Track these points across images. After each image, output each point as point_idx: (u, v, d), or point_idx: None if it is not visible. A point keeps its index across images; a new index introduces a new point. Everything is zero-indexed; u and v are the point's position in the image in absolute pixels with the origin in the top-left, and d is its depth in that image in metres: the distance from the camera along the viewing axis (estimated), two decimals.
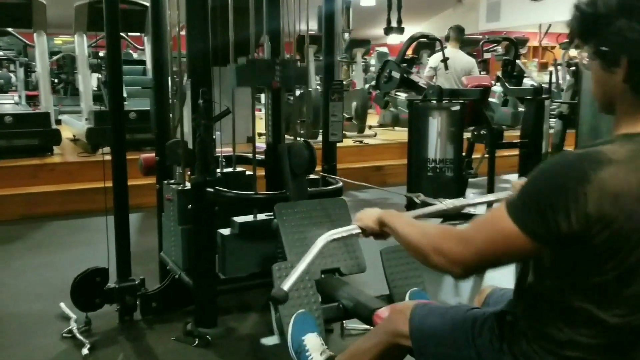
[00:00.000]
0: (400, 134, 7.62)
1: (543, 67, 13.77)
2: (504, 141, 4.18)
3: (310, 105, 3.98)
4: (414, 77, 4.22)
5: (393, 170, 6.35)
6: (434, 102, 4.01)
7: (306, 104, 3.51)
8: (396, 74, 4.20)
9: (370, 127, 7.66)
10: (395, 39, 16.44)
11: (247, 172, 3.21)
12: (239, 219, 2.66)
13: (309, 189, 2.58)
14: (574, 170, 1.04)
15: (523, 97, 4.20)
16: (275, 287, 1.37)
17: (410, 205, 3.61)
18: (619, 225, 1.03)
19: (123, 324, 2.68)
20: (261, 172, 3.01)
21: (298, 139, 2.66)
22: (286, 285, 1.36)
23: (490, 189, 4.06)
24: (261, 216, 2.71)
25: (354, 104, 7.03)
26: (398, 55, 4.28)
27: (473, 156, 4.49)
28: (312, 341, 1.90)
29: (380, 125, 8.03)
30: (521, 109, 7.07)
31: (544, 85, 4.98)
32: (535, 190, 1.07)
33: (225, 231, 2.67)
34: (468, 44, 7.91)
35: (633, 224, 1.03)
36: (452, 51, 5.45)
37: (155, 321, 2.72)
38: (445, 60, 4.45)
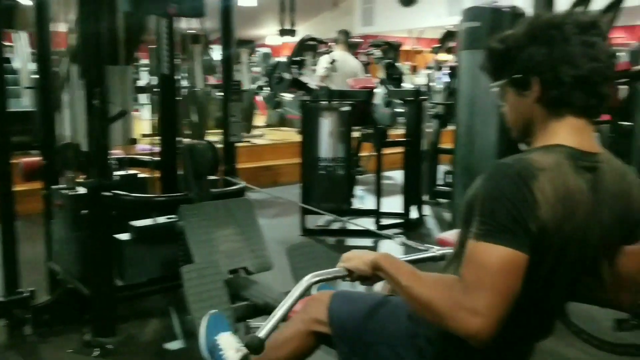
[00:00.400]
0: (287, 134, 7.73)
1: (414, 69, 14.58)
2: (389, 140, 4.42)
3: (197, 105, 3.94)
4: (304, 79, 4.32)
5: (282, 169, 6.44)
6: (325, 103, 4.14)
7: (194, 103, 3.45)
8: (287, 76, 4.28)
9: (256, 127, 7.70)
10: (276, 40, 16.55)
11: (139, 175, 3.13)
12: (137, 223, 2.60)
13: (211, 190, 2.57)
14: (515, 181, 1.08)
15: (404, 99, 4.45)
16: (250, 335, 1.26)
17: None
18: (544, 228, 1.09)
19: (13, 340, 2.50)
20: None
21: (200, 140, 2.63)
22: (262, 333, 1.25)
23: (378, 185, 4.26)
24: (160, 219, 2.66)
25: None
26: (289, 57, 4.36)
27: (361, 154, 4.69)
28: (226, 340, 1.90)
29: (267, 126, 8.08)
30: (398, 109, 7.52)
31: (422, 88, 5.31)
32: (493, 214, 1.08)
33: (122, 236, 2.59)
34: (353, 47, 8.22)
35: (551, 230, 1.10)
36: (342, 54, 5.64)
37: (49, 334, 2.57)
38: (332, 62, 4.60)
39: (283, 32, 3.50)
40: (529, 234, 1.06)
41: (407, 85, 5.54)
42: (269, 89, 5.68)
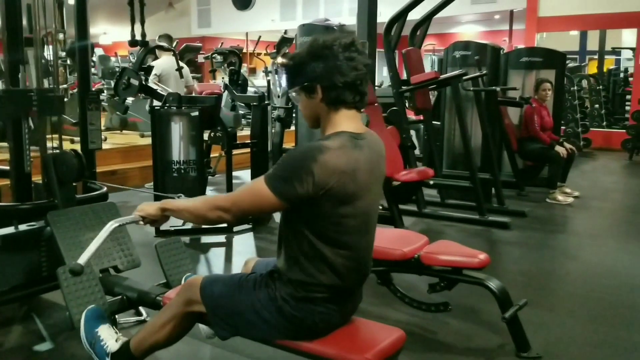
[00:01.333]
0: (130, 138, 7.67)
1: (252, 72, 14.99)
2: (238, 142, 4.74)
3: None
4: (151, 85, 4.47)
5: (128, 173, 6.43)
6: (175, 108, 4.34)
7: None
8: (135, 81, 4.40)
9: None
10: (107, 39, 15.84)
11: None
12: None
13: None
14: (307, 155, 1.62)
15: (249, 103, 4.81)
16: (72, 263, 1.76)
17: None
18: (335, 191, 1.63)
19: None
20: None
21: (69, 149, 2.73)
22: (82, 260, 1.75)
23: (229, 184, 4.57)
24: (21, 227, 2.72)
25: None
26: (135, 63, 4.47)
27: (211, 156, 4.95)
28: (105, 331, 2.12)
29: (107, 129, 7.94)
30: (241, 111, 7.87)
31: (264, 92, 5.70)
32: (282, 169, 1.64)
33: None
34: (190, 51, 8.36)
35: (344, 190, 1.64)
36: (169, 59, 5.78)
37: None
38: (179, 69, 4.78)
39: (133, 43, 3.60)
40: (293, 190, 1.60)
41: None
42: (112, 93, 5.66)
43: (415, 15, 5.47)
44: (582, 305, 3.28)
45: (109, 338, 2.09)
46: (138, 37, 3.84)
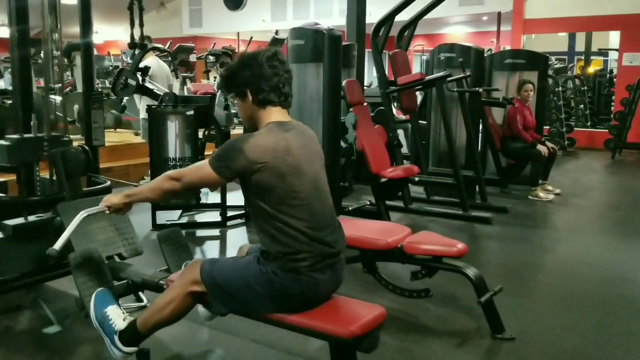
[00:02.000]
0: (125, 136, 7.84)
1: None
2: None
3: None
4: (148, 85, 4.65)
5: (123, 171, 6.59)
6: (171, 107, 4.53)
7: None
8: (132, 81, 4.58)
9: None
10: (98, 39, 15.90)
11: None
12: (10, 222, 2.82)
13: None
14: (239, 139, 1.99)
15: None
16: (49, 249, 2.09)
17: None
18: (273, 165, 1.92)
19: None
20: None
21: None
22: (57, 246, 2.08)
23: None
24: (30, 218, 2.91)
25: (76, 106, 7.02)
26: (133, 64, 4.65)
27: (205, 154, 5.12)
28: (113, 311, 2.31)
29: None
30: (233, 110, 8.04)
31: None
32: (220, 151, 2.00)
33: None
34: (183, 51, 8.53)
35: (283, 163, 1.94)
36: (155, 59, 5.94)
37: None
38: (175, 69, 4.97)
39: (132, 45, 3.77)
40: (227, 166, 1.95)
41: None
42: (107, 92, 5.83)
43: (403, 17, 5.69)
44: (555, 293, 3.51)
45: (117, 317, 2.28)
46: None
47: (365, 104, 4.81)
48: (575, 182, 7.34)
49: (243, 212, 4.96)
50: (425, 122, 6.03)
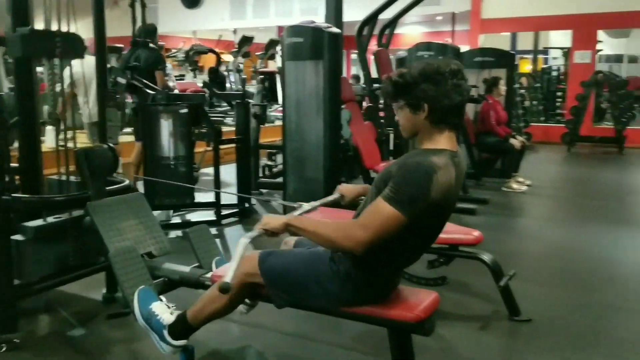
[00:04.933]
0: None
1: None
2: (225, 138, 4.92)
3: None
4: (137, 83, 4.59)
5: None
6: (164, 105, 4.48)
7: None
8: (122, 80, 4.51)
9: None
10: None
11: None
12: (32, 223, 2.75)
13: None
14: (424, 175, 1.75)
15: (231, 101, 4.98)
16: (221, 282, 1.78)
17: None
18: (438, 205, 1.80)
19: None
20: None
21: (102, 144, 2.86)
22: (229, 278, 1.78)
23: (217, 180, 4.74)
24: (49, 219, 2.84)
25: (46, 107, 6.79)
26: (122, 63, 4.57)
27: (195, 152, 5.08)
28: (159, 307, 2.30)
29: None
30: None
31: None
32: (404, 189, 1.75)
33: (16, 237, 2.72)
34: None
35: (441, 205, 1.81)
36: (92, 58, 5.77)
37: None
38: (163, 68, 4.90)
39: (134, 44, 3.70)
40: (416, 208, 1.75)
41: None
42: None
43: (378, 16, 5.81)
44: (553, 276, 3.71)
45: (164, 312, 2.28)
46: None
47: (355, 101, 4.91)
48: (541, 174, 7.67)
49: (237, 210, 4.96)
50: None
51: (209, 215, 4.85)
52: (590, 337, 2.82)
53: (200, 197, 5.01)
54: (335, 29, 4.24)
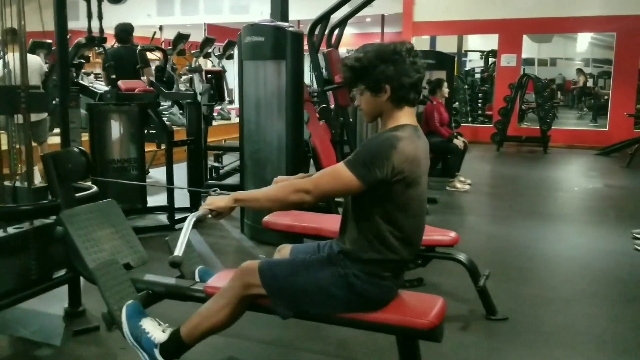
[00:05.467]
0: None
1: None
2: (178, 140, 4.72)
3: None
4: (83, 82, 4.31)
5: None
6: (114, 105, 4.24)
7: None
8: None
9: None
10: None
11: None
12: None
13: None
14: (386, 144, 1.83)
15: (182, 101, 4.79)
16: (171, 257, 1.88)
17: None
18: (405, 176, 1.85)
19: None
20: None
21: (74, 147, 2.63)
22: (179, 252, 1.89)
23: (170, 179, 4.52)
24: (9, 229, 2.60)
25: None
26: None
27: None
28: (149, 323, 2.16)
29: None
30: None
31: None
32: (364, 155, 1.84)
33: None
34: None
35: (412, 175, 1.87)
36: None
37: None
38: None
39: (90, 40, 3.43)
40: (374, 173, 1.80)
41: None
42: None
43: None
44: (517, 272, 3.83)
45: (155, 329, 2.13)
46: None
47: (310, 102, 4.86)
48: (478, 173, 7.95)
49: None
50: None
51: (161, 220, 4.64)
52: (561, 332, 2.93)
53: (151, 201, 4.78)
54: (297, 29, 4.17)
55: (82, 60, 4.48)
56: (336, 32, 6.02)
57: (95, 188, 2.80)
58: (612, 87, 10.78)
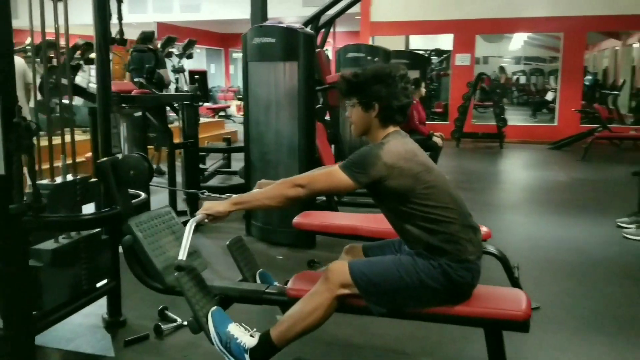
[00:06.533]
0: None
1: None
2: (179, 142, 4.61)
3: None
4: (82, 84, 4.16)
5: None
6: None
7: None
8: (64, 81, 4.04)
9: None
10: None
11: None
12: (45, 246, 2.39)
13: None
14: (373, 148, 2.01)
15: (180, 102, 4.70)
16: (176, 261, 2.03)
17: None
18: (407, 169, 1.98)
19: None
20: None
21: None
22: (183, 256, 2.02)
23: (172, 180, 4.44)
24: (61, 240, 2.50)
25: None
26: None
27: None
28: (236, 329, 2.14)
29: None
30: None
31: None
32: (355, 159, 2.01)
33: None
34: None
35: (415, 166, 1.99)
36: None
37: None
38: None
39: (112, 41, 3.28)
40: (365, 172, 1.97)
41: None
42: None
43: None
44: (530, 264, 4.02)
45: (242, 335, 2.12)
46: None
47: None
48: (446, 170, 8.18)
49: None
50: None
51: None
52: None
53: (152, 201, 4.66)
54: (309, 30, 4.19)
55: (80, 62, 4.29)
56: (322, 32, 6.05)
57: (144, 195, 2.72)
58: (560, 85, 11.38)
